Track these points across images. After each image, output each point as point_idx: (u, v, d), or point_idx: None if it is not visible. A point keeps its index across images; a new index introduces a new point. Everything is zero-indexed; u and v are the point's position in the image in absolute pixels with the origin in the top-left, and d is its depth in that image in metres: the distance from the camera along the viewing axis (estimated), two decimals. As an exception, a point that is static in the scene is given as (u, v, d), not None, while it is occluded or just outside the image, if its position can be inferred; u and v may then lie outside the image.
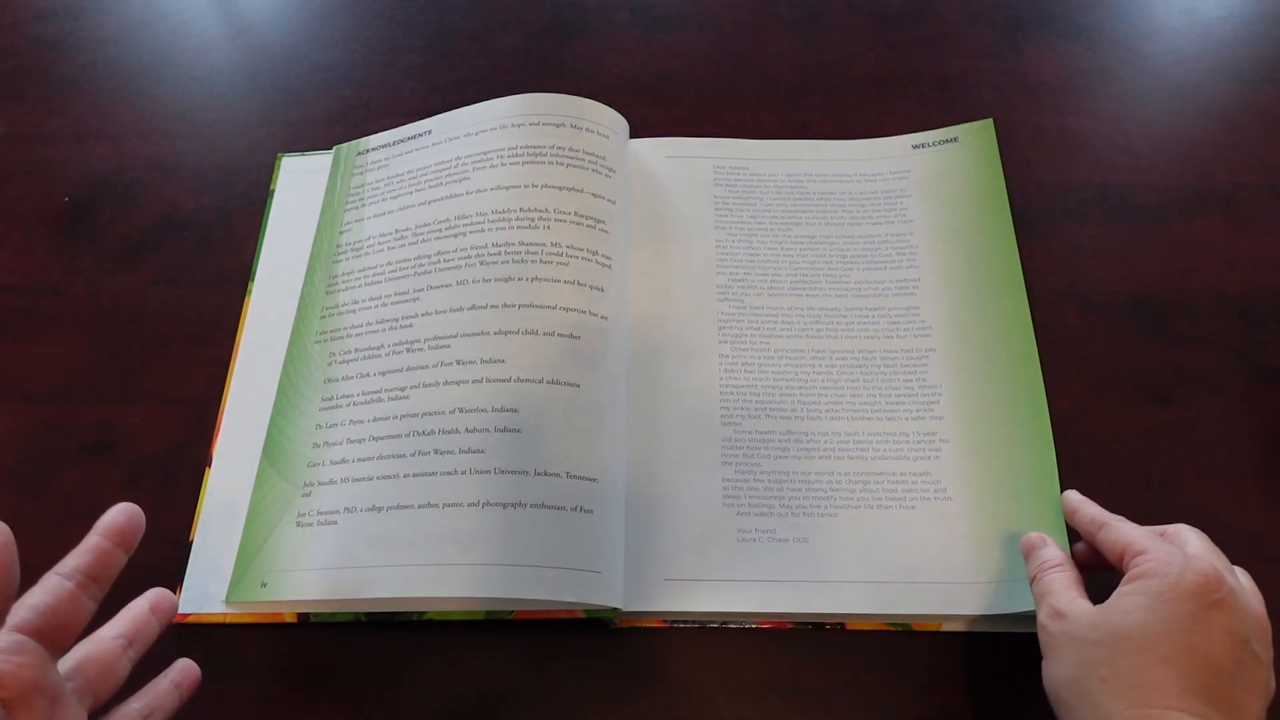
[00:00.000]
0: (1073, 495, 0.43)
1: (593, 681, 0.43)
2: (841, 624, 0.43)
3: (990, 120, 0.56)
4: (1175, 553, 0.36)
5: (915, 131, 0.57)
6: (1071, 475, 0.46)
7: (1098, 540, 0.40)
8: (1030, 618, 0.39)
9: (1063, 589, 0.38)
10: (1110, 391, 0.49)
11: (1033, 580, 0.40)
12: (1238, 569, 0.38)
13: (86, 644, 0.36)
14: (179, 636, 0.44)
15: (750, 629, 0.44)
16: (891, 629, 0.43)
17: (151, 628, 0.38)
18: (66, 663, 0.34)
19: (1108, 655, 0.34)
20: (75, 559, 0.34)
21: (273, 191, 0.57)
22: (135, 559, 0.45)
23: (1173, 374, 0.49)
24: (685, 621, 0.44)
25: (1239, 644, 0.34)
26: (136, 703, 0.36)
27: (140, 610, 0.38)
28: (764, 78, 0.61)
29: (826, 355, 0.49)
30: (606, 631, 0.44)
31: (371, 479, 0.45)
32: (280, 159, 0.58)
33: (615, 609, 0.43)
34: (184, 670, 0.39)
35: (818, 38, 0.63)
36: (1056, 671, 0.36)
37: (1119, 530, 0.39)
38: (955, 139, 0.56)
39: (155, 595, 0.38)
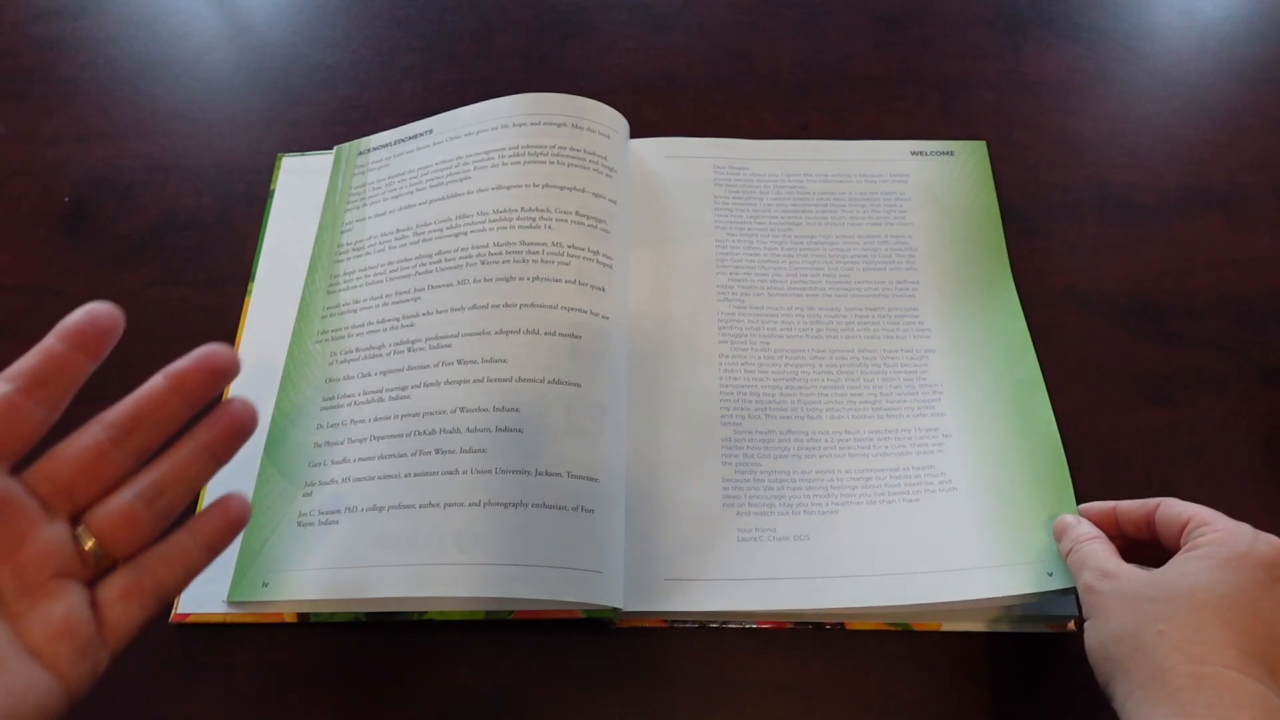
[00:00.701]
0: (1098, 504, 0.42)
1: (593, 681, 0.43)
2: (841, 624, 0.43)
3: (984, 142, 0.57)
4: (1244, 526, 0.36)
5: (915, 132, 0.57)
6: (1071, 475, 0.46)
7: (1157, 517, 0.38)
8: (1037, 618, 0.39)
9: (1107, 555, 0.38)
10: (1110, 391, 0.49)
11: (1068, 554, 0.40)
12: None
13: (59, 445, 0.31)
14: (179, 636, 0.44)
15: (750, 629, 0.44)
16: (891, 629, 0.43)
17: (170, 405, 0.31)
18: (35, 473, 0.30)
19: (1166, 610, 0.33)
20: (19, 363, 0.29)
21: (273, 191, 0.57)
22: (135, 559, 0.45)
23: (1173, 374, 0.49)
24: (685, 621, 0.44)
25: None
26: (185, 533, 0.32)
27: (154, 389, 0.32)
28: (764, 78, 0.61)
29: (826, 355, 0.49)
30: (606, 631, 0.44)
31: (373, 478, 0.45)
32: (280, 159, 0.58)
33: (615, 609, 0.43)
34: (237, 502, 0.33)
35: (818, 38, 0.63)
36: (1106, 629, 0.35)
37: (1180, 505, 0.38)
38: (951, 153, 0.56)
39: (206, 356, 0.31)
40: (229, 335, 0.52)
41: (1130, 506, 0.40)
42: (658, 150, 0.56)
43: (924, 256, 0.52)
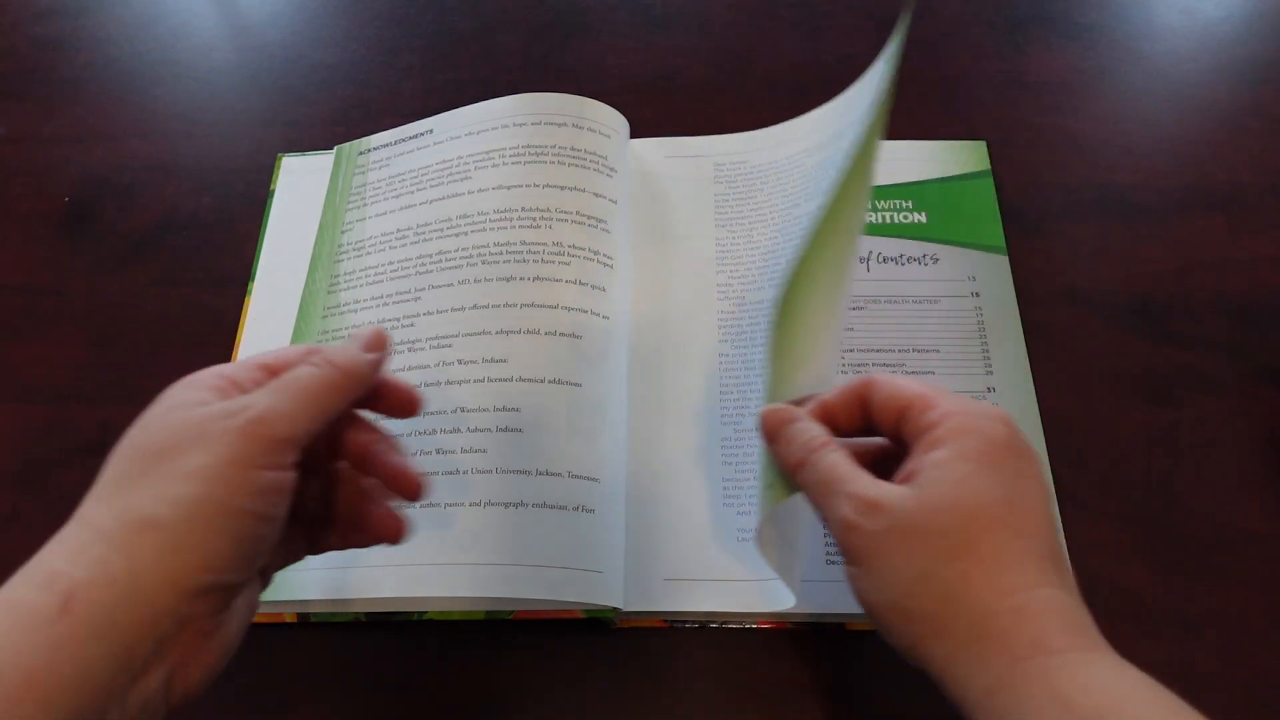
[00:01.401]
0: (776, 408, 0.35)
1: (593, 681, 0.43)
2: (842, 624, 0.43)
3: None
4: (967, 400, 0.31)
5: (915, 132, 0.57)
6: (1071, 475, 0.46)
7: (874, 404, 0.32)
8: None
9: (854, 471, 0.31)
10: (1110, 392, 0.49)
11: (800, 467, 0.32)
12: None
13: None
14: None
15: (750, 629, 0.44)
16: (892, 629, 0.43)
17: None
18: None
19: (962, 542, 0.28)
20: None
21: (273, 191, 0.57)
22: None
23: (1173, 374, 0.49)
24: (685, 621, 0.44)
25: (1044, 489, 0.30)
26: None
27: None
28: (764, 78, 0.61)
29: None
30: (606, 631, 0.44)
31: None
32: (280, 159, 0.58)
33: (615, 609, 0.43)
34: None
35: (818, 38, 0.63)
36: (893, 578, 0.29)
37: (898, 384, 0.32)
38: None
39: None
40: (229, 335, 0.52)
41: (838, 397, 0.34)
42: (658, 150, 0.56)
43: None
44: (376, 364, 0.31)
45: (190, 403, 0.28)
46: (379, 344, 0.32)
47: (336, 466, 0.33)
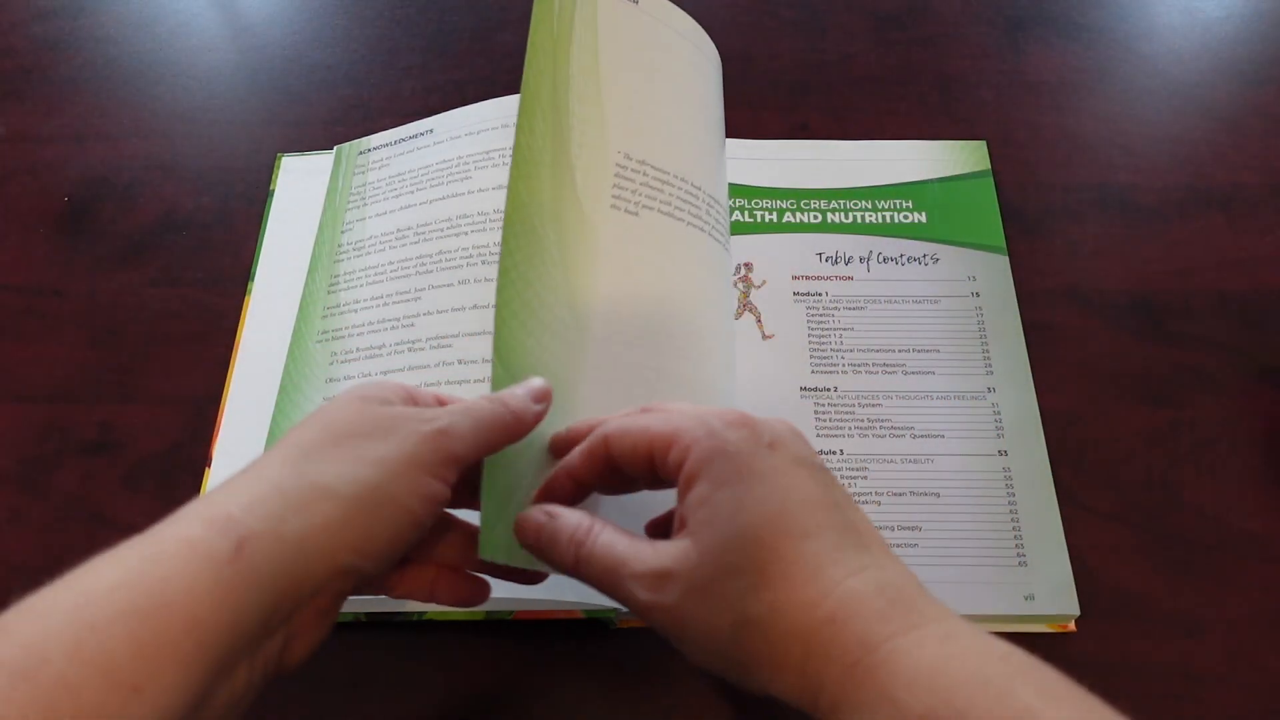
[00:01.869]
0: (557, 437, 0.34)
1: (593, 681, 0.42)
2: (842, 624, 0.43)
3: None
4: (699, 418, 0.30)
5: (915, 132, 0.58)
6: (1071, 475, 0.46)
7: (614, 452, 0.31)
8: (1037, 618, 0.39)
9: (632, 548, 0.29)
10: (1110, 392, 0.49)
11: (579, 563, 0.30)
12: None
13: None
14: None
15: (750, 629, 0.44)
16: (892, 629, 0.43)
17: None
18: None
19: (755, 575, 0.27)
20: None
21: (273, 191, 0.57)
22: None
23: (1173, 374, 0.49)
24: (685, 621, 0.44)
25: (812, 469, 0.29)
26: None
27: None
28: (764, 78, 0.61)
29: (827, 355, 0.50)
30: (606, 631, 0.44)
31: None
32: (280, 159, 0.58)
33: (615, 609, 0.43)
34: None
35: (818, 38, 0.63)
36: (712, 636, 0.28)
37: (634, 428, 0.31)
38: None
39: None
40: (229, 335, 0.52)
41: (579, 464, 0.33)
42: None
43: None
44: (540, 416, 0.32)
45: (381, 399, 0.30)
46: (545, 397, 0.32)
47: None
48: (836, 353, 0.49)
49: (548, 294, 0.37)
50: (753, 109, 0.59)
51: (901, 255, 0.53)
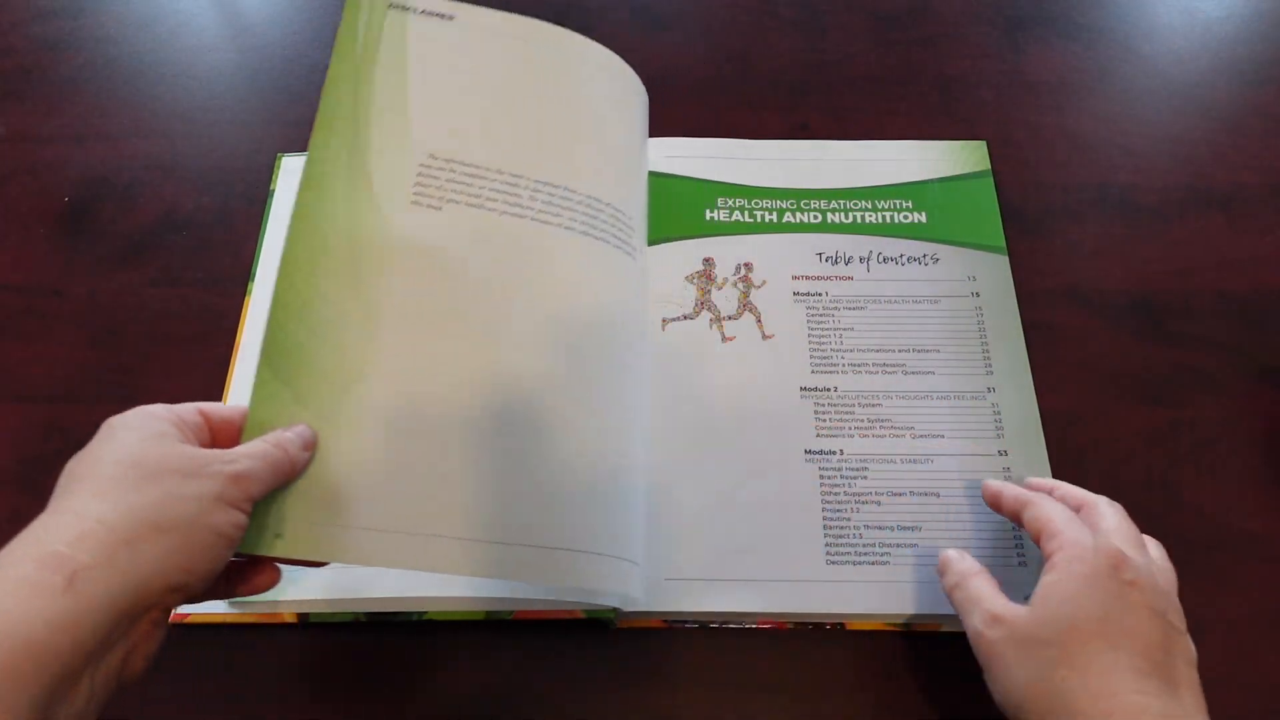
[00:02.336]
0: (991, 483, 0.43)
1: (593, 681, 0.43)
2: (841, 624, 0.44)
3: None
4: (1085, 533, 0.37)
5: (915, 132, 0.58)
6: (1071, 476, 0.46)
7: (1024, 521, 0.40)
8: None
9: (991, 593, 0.38)
10: (1110, 392, 0.49)
11: (954, 589, 0.40)
12: (1150, 540, 0.39)
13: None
14: (179, 637, 0.43)
15: (750, 629, 0.44)
16: (891, 629, 0.43)
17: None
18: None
19: (1060, 653, 0.34)
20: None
21: (273, 191, 0.57)
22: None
23: (1173, 374, 0.50)
24: (685, 621, 0.44)
25: (1160, 618, 0.35)
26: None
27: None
28: (764, 78, 0.61)
29: (827, 355, 0.50)
30: (606, 631, 0.44)
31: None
32: (280, 159, 0.58)
33: (615, 609, 0.43)
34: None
35: (818, 38, 0.63)
36: (1012, 680, 0.35)
37: (1039, 510, 0.39)
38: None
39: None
40: (229, 335, 0.51)
41: (1005, 505, 0.41)
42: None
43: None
44: (307, 462, 0.37)
45: (164, 435, 0.34)
46: (312, 445, 0.37)
47: None
48: (836, 353, 0.49)
49: (331, 292, 0.40)
50: (753, 109, 0.59)
51: (901, 255, 0.53)
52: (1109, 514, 0.38)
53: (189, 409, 0.36)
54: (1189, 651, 0.35)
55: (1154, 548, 0.39)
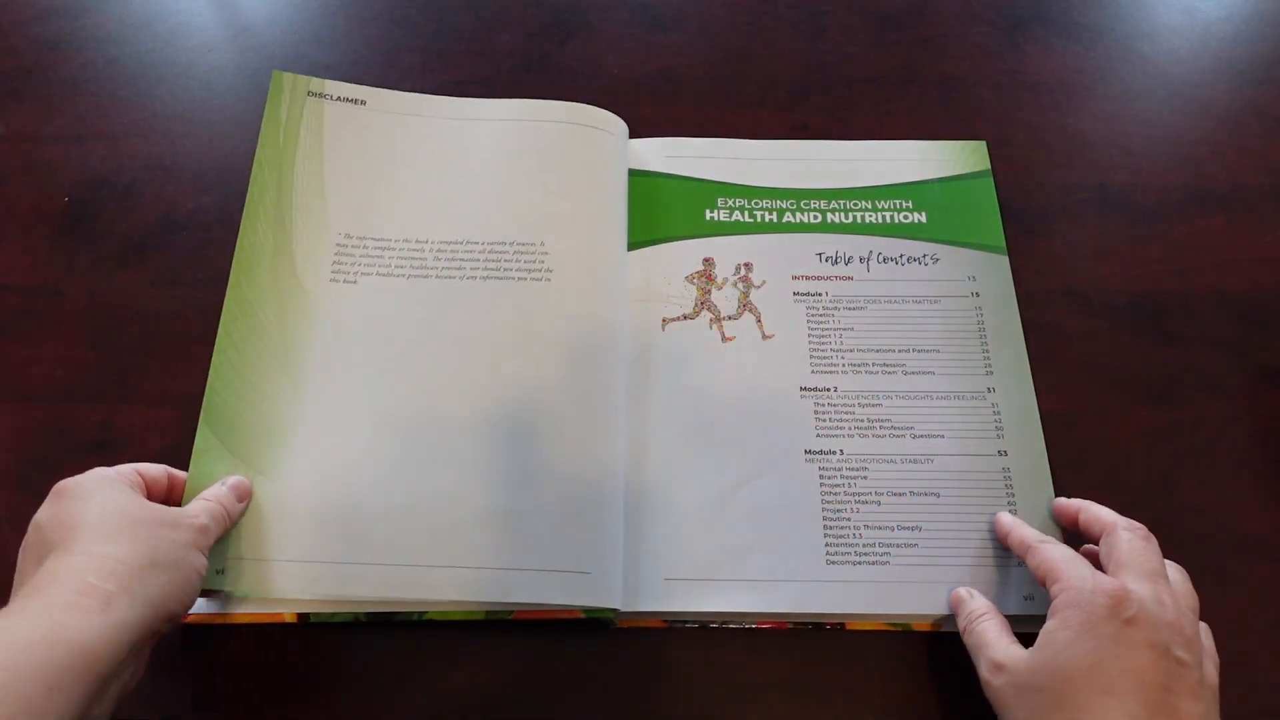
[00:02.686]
0: (1004, 518, 0.44)
1: (593, 681, 0.43)
2: (841, 624, 0.44)
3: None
4: (1085, 576, 0.37)
5: (915, 132, 0.58)
6: (1071, 476, 0.46)
7: (1029, 565, 0.40)
8: (1036, 618, 0.39)
9: (996, 638, 0.39)
10: (1110, 392, 0.49)
11: (964, 633, 0.41)
12: (1173, 566, 0.39)
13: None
14: (179, 636, 0.43)
15: (750, 629, 0.44)
16: (891, 629, 0.43)
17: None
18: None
19: (1054, 700, 0.35)
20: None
21: (273, 191, 0.57)
22: (135, 559, 0.45)
23: (1173, 374, 0.50)
24: (685, 621, 0.44)
25: (1161, 654, 0.35)
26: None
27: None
28: (764, 78, 0.61)
29: (827, 355, 0.50)
30: (606, 631, 0.44)
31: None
32: (280, 159, 0.58)
33: (615, 609, 0.43)
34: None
35: (818, 38, 0.63)
36: None
37: (1041, 555, 0.40)
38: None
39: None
40: (229, 335, 0.51)
41: (1014, 545, 0.42)
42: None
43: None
44: (243, 511, 0.44)
45: (133, 492, 0.40)
46: (246, 495, 0.44)
47: None
48: (836, 353, 0.50)
49: (261, 364, 0.47)
50: (753, 109, 0.59)
51: (901, 255, 0.53)
52: (1123, 542, 0.39)
53: (128, 470, 0.41)
54: (1194, 685, 0.35)
55: (1175, 572, 0.39)
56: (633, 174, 0.55)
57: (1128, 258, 0.53)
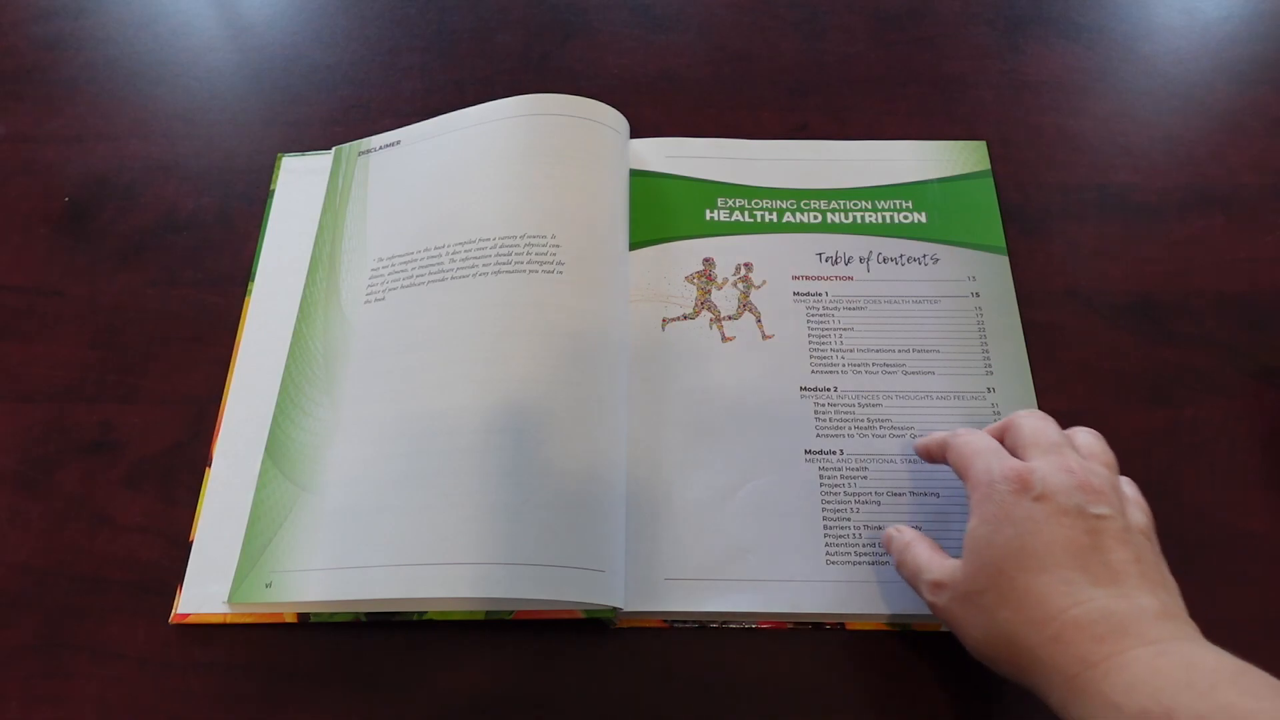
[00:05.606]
0: (918, 440, 0.44)
1: (593, 681, 0.43)
2: (841, 624, 0.44)
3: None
4: (989, 468, 0.37)
5: (915, 132, 0.57)
6: (1071, 475, 0.46)
7: (950, 464, 0.40)
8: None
9: (928, 559, 0.39)
10: (1110, 392, 0.49)
11: (899, 567, 0.41)
12: (1084, 430, 0.40)
13: None
14: (179, 636, 0.44)
15: (750, 629, 0.44)
16: (891, 629, 0.43)
17: None
18: None
19: (997, 597, 0.35)
20: None
21: (273, 191, 0.57)
22: (136, 558, 0.45)
23: (1173, 374, 0.50)
24: (685, 621, 0.44)
25: (1076, 516, 0.35)
26: None
27: None
28: (764, 78, 0.61)
29: (827, 355, 0.50)
30: (606, 631, 0.44)
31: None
32: (280, 159, 0.58)
33: (615, 609, 0.43)
34: None
35: (818, 38, 0.63)
36: (972, 637, 0.36)
37: (953, 449, 0.40)
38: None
39: None
40: (229, 335, 0.52)
41: (935, 453, 0.42)
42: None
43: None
44: None
45: None
46: None
47: None
48: (836, 353, 0.50)
49: (312, 390, 0.49)
50: (753, 109, 0.59)
51: (901, 255, 0.53)
52: (1022, 428, 0.38)
53: None
54: (1118, 532, 0.35)
55: (1085, 435, 0.39)
56: (633, 174, 0.55)
57: (1128, 258, 0.53)
